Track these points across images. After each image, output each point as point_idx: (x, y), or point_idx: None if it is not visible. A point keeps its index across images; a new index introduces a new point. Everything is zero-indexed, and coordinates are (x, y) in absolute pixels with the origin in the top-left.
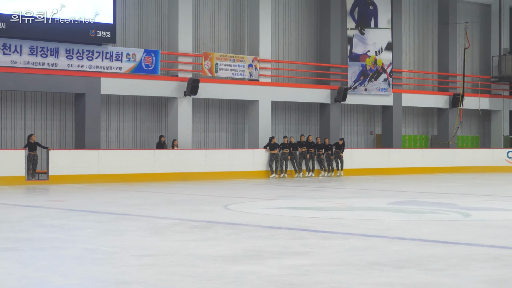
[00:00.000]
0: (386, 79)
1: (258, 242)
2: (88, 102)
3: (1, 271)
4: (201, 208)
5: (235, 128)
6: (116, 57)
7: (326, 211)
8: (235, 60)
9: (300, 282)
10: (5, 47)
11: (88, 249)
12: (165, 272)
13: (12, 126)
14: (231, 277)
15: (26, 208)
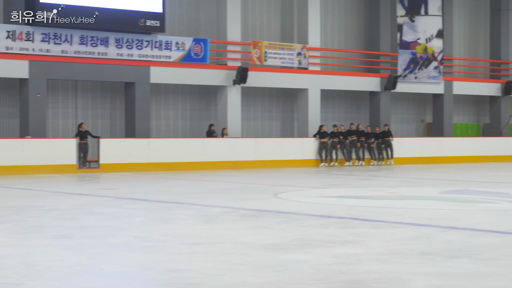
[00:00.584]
0: (437, 67)
1: (308, 231)
2: (138, 91)
3: (53, 258)
4: (251, 196)
5: (284, 117)
6: (166, 46)
7: (376, 200)
8: (284, 48)
9: (351, 271)
10: (56, 37)
11: (139, 237)
12: (215, 260)
13: (63, 115)
14: (281, 265)
15: (77, 196)
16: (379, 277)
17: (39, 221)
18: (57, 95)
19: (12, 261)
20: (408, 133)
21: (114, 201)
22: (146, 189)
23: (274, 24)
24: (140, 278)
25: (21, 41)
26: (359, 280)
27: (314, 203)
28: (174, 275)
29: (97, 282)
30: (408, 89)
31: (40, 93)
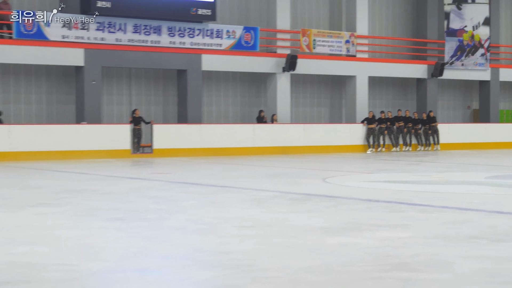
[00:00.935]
0: (484, 54)
1: (356, 215)
2: (190, 78)
3: (108, 240)
4: (300, 181)
5: (333, 103)
6: (217, 34)
7: (423, 185)
8: (332, 36)
9: (398, 254)
10: (110, 26)
11: (191, 220)
12: (265, 243)
13: (118, 101)
14: (330, 248)
15: (131, 180)
16: (426, 260)
17: (95, 204)
18: (111, 82)
19: (69, 242)
20: (454, 119)
21: (167, 185)
22: (198, 174)
23: (323, 12)
24: (192, 259)
25: (76, 30)
26: (406, 263)
27: (361, 187)
28: (225, 257)
29: (151, 263)
30: (455, 76)
31: (95, 80)
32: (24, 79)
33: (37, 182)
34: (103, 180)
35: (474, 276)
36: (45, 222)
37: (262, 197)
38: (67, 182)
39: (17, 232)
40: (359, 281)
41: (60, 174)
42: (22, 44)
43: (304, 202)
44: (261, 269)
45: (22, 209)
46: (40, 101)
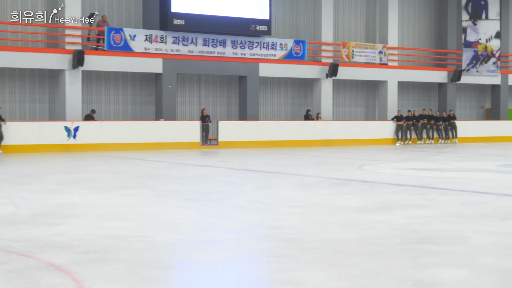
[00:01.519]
0: (495, 62)
1: (387, 197)
2: (249, 83)
3: (181, 217)
4: (340, 168)
5: (368, 104)
6: (272, 46)
7: (443, 172)
8: (368, 47)
9: (422, 229)
10: (184, 39)
11: (249, 200)
12: (311, 220)
13: (190, 102)
14: (365, 224)
15: (200, 167)
16: (445, 235)
17: (171, 187)
18: (184, 86)
19: (149, 218)
20: (470, 117)
21: (230, 171)
22: (255, 162)
23: (360, 27)
24: (250, 233)
25: (156, 43)
26: (428, 237)
27: (392, 174)
28: (277, 231)
29: (216, 235)
30: (471, 81)
31: (171, 85)
32: (113, 84)
33: (123, 168)
34: (177, 167)
35: (487, 248)
36: (130, 202)
37: (308, 181)
38: (148, 168)
39: (107, 209)
40: (389, 252)
41: (142, 162)
42: (112, 55)
43: (343, 186)
44: (307, 241)
45: (111, 191)
46: (126, 102)
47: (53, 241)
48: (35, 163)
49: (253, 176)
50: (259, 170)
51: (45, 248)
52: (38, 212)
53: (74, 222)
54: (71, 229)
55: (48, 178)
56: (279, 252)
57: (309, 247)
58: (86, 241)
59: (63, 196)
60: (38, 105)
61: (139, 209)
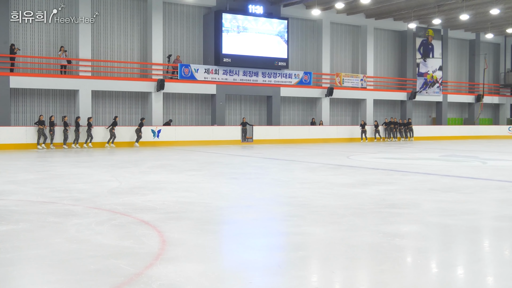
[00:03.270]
0: (439, 86)
1: (366, 177)
2: (274, 100)
3: (228, 190)
4: (335, 157)
5: (353, 114)
6: (288, 76)
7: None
8: (353, 76)
9: (389, 199)
10: (230, 72)
11: (274, 179)
12: (315, 192)
13: (234, 113)
14: (351, 195)
15: (241, 157)
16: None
17: (221, 170)
18: (230, 103)
19: (207, 191)
20: (422, 123)
21: (261, 160)
22: (278, 153)
23: (348, 62)
24: (274, 200)
25: (212, 74)
26: (394, 204)
27: (370, 161)
28: (292, 200)
29: (251, 202)
30: (422, 99)
31: (222, 102)
32: (183, 101)
33: (189, 157)
34: (225, 157)
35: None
36: (194, 179)
37: (314, 166)
38: (206, 157)
39: (179, 185)
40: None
41: (202, 153)
42: (183, 82)
43: (337, 169)
44: (313, 206)
45: (182, 172)
46: (192, 113)
47: (144, 205)
48: (133, 154)
49: (277, 163)
50: (280, 159)
51: (139, 210)
52: (135, 186)
53: (158, 193)
54: (156, 197)
55: (141, 164)
56: (293, 213)
57: (314, 210)
58: (165, 205)
59: (151, 176)
60: (135, 116)
61: (201, 185)
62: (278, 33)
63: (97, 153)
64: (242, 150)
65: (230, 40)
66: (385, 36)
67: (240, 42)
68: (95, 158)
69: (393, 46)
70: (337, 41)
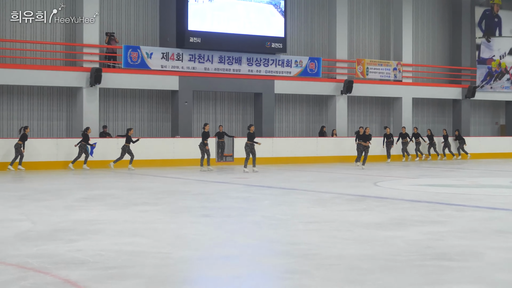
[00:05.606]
0: (509, 79)
1: (402, 213)
2: (265, 100)
3: (198, 233)
4: (355, 184)
5: (382, 120)
6: (287, 63)
7: (458, 188)
8: (382, 64)
9: (437, 245)
10: (200, 57)
11: (265, 216)
12: (326, 236)
13: (206, 119)
14: (380, 240)
15: (217, 184)
16: (460, 251)
17: (187, 203)
18: (200, 103)
19: (165, 234)
20: (484, 134)
21: (246, 187)
22: (271, 178)
23: (374, 44)
24: (266, 248)
25: (172, 61)
26: (444, 253)
27: (407, 190)
28: (293, 247)
29: (232, 251)
30: (485, 97)
31: (187, 101)
32: (130, 101)
33: (140, 185)
34: (194, 183)
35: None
36: (147, 217)
37: (324, 197)
38: (164, 185)
39: (124, 225)
40: (405, 268)
41: (158, 178)
42: (129, 72)
43: (359, 202)
44: (322, 257)
45: (128, 207)
46: (143, 118)
47: (71, 257)
48: (53, 180)
49: (269, 193)
50: (275, 186)
51: (63, 264)
52: (56, 228)
53: (92, 238)
54: (89, 245)
55: (67, 194)
56: (295, 268)
57: (325, 263)
58: (103, 257)
59: (81, 213)
60: (56, 122)
61: (156, 225)
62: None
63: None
64: (218, 174)
65: (199, 11)
66: (429, 7)
67: (214, 14)
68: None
69: (440, 21)
70: (358, 15)
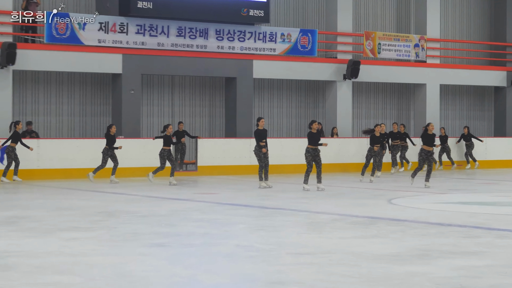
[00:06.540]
0: None
1: (426, 240)
2: (240, 86)
3: (148, 269)
4: (363, 202)
5: (400, 115)
6: (270, 37)
7: (501, 207)
8: (399, 39)
9: (473, 285)
10: (151, 29)
11: (240, 246)
12: (324, 272)
13: (159, 113)
14: (397, 278)
15: (174, 202)
16: None
17: (133, 228)
18: (152, 92)
19: (103, 271)
20: None
21: (214, 206)
22: (248, 194)
23: (389, 13)
24: None
25: (114, 34)
26: None
27: (432, 209)
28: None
29: None
30: None
31: (134, 89)
32: (55, 88)
33: (69, 203)
34: (142, 201)
35: None
36: (77, 248)
37: (320, 220)
38: (102, 203)
39: (47, 259)
40: None
41: (95, 194)
42: (54, 49)
43: (367, 226)
44: None
45: (52, 234)
46: (73, 112)
47: None
48: None
49: (245, 213)
50: (253, 205)
51: None
52: None
53: (2, 277)
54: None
55: None
56: None
57: None
58: None
59: None
60: None
61: (90, 259)
62: None
63: None
64: (176, 188)
65: None
66: None
67: None
68: None
69: None
70: None
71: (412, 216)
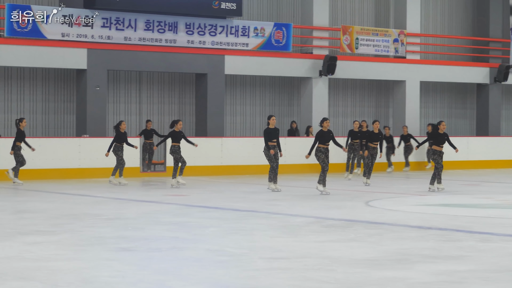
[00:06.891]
0: None
1: (406, 244)
2: (211, 83)
3: (114, 274)
4: (340, 204)
5: (378, 112)
6: (242, 32)
7: (484, 209)
8: (378, 34)
9: None
10: (118, 22)
11: (211, 250)
12: (298, 278)
13: (126, 111)
14: (375, 284)
15: (141, 204)
16: None
17: (99, 232)
18: (119, 88)
19: (67, 277)
20: None
21: (183, 209)
22: (219, 196)
23: (367, 7)
24: None
25: (78, 27)
26: None
27: (411, 212)
28: None
29: None
30: None
31: (99, 86)
32: (16, 84)
33: (31, 205)
34: (108, 204)
35: None
36: (40, 253)
37: (295, 223)
38: (67, 205)
39: (7, 264)
40: None
41: (59, 196)
42: (14, 43)
43: (344, 230)
44: None
45: (13, 238)
46: (35, 110)
47: None
48: None
49: (217, 216)
50: (225, 208)
51: None
52: None
53: None
54: None
55: None
56: None
57: None
58: None
59: None
60: None
61: (53, 264)
62: None
63: None
64: (144, 190)
65: None
66: None
67: None
68: None
69: None
70: None
71: (390, 219)
